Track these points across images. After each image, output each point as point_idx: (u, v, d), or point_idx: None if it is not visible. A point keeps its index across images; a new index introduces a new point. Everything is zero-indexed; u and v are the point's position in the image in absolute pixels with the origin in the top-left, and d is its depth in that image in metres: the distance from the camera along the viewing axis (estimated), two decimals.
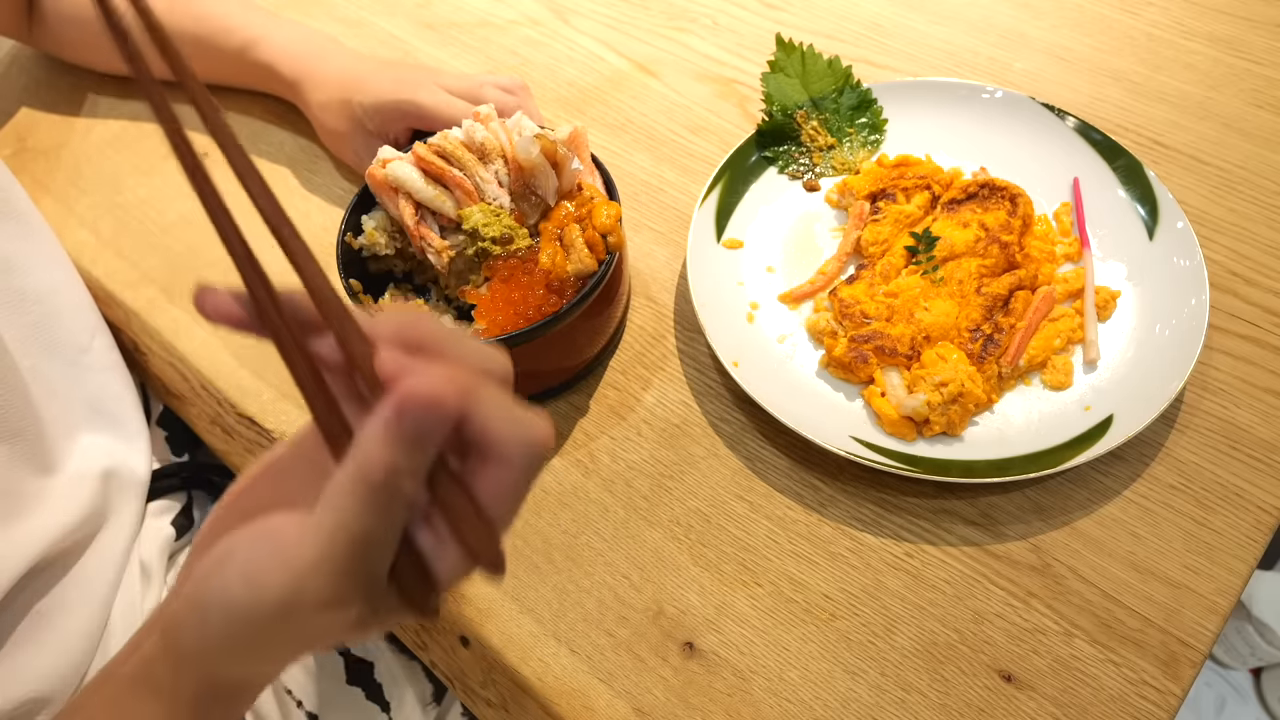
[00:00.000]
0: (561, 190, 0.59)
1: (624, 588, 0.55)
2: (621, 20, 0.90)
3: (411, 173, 0.58)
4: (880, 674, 0.51)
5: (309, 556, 0.30)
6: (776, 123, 0.73)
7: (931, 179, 0.68)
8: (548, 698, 0.52)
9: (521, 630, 0.54)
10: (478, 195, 0.58)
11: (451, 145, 0.58)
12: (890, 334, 0.60)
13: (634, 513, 0.58)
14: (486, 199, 0.58)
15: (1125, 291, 0.63)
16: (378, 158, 0.60)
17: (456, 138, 0.59)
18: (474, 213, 0.57)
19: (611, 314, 0.62)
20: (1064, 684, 0.50)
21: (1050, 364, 0.61)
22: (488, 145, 0.59)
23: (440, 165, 0.58)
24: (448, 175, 0.58)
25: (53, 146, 0.83)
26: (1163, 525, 0.55)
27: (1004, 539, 0.55)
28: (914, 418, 0.58)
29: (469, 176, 0.58)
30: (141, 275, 0.73)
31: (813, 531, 0.56)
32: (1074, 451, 0.55)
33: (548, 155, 0.56)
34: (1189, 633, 0.51)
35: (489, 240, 0.57)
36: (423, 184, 0.58)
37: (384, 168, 0.59)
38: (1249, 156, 0.73)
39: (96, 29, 0.72)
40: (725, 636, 0.53)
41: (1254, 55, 0.80)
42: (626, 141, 0.79)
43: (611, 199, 0.60)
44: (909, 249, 0.65)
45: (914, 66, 0.82)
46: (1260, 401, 0.59)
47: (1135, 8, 0.85)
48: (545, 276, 0.56)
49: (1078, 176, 0.69)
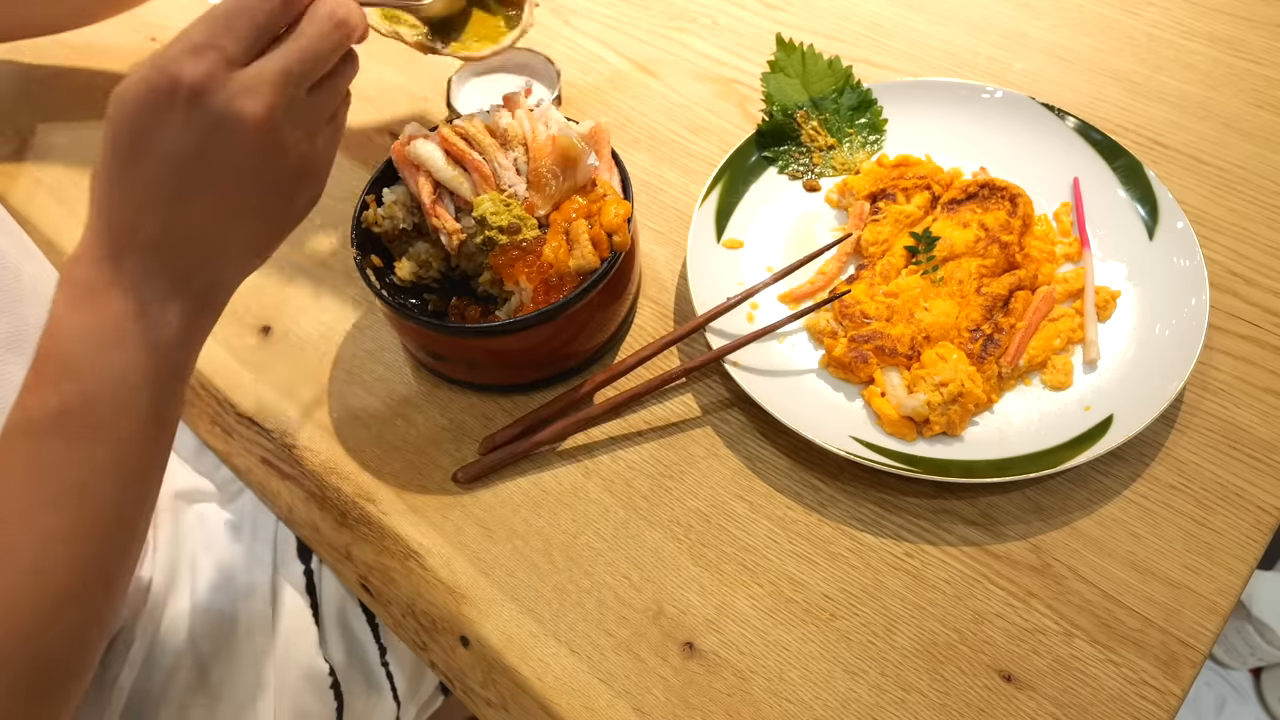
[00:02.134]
0: (576, 185, 0.59)
1: (624, 588, 0.55)
2: (621, 20, 0.90)
3: (434, 151, 0.58)
4: (880, 674, 0.51)
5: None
6: (776, 123, 0.73)
7: (931, 179, 0.68)
8: (548, 698, 0.52)
9: (521, 630, 0.54)
10: (494, 180, 0.58)
11: (475, 129, 0.59)
12: (890, 334, 0.60)
13: (634, 513, 0.58)
14: (502, 184, 0.58)
15: (1125, 291, 0.63)
16: (404, 134, 0.60)
17: (481, 122, 0.59)
18: (484, 201, 0.57)
19: (614, 311, 0.62)
20: (1064, 684, 0.50)
21: (1050, 364, 0.61)
22: (510, 132, 0.59)
23: (461, 147, 0.58)
24: (468, 158, 0.58)
25: (53, 146, 0.83)
26: (1163, 525, 0.55)
27: (1004, 539, 0.55)
28: (914, 418, 0.58)
29: (488, 161, 0.58)
30: None
31: (813, 531, 0.56)
32: (1074, 451, 0.55)
33: (564, 149, 0.57)
34: (1189, 633, 0.51)
35: (496, 229, 0.57)
36: (444, 164, 0.58)
37: (409, 144, 0.59)
38: (1249, 156, 0.73)
39: None
40: (725, 636, 0.53)
41: (1254, 55, 0.80)
42: (626, 141, 0.79)
43: (626, 198, 0.60)
44: (909, 249, 0.65)
45: (914, 66, 0.82)
46: (1260, 401, 0.59)
47: (1135, 8, 0.85)
48: (546, 269, 0.57)
49: (1078, 176, 0.69)
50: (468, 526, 0.58)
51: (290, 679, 0.63)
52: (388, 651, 0.68)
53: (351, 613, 0.67)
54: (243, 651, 0.62)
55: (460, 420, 0.63)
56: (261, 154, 0.42)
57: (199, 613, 0.62)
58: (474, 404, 0.63)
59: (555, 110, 0.61)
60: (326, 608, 0.66)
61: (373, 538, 0.59)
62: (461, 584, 0.56)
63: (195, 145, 0.41)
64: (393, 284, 0.61)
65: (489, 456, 0.60)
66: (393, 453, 0.61)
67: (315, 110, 0.45)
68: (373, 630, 0.68)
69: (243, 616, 0.63)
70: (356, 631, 0.67)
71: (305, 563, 0.67)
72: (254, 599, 0.64)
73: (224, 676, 0.61)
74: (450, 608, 0.55)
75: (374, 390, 0.65)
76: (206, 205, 0.43)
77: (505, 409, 0.63)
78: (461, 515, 0.58)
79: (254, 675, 0.62)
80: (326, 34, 0.43)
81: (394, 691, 0.68)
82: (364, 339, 0.67)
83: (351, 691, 0.66)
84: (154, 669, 0.60)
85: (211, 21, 0.41)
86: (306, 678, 0.64)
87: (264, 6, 0.41)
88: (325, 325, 0.68)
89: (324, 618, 0.66)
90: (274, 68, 0.41)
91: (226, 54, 0.40)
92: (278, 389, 0.65)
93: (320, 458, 0.62)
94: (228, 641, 0.62)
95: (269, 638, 0.63)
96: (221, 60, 0.40)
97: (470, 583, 0.56)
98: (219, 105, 0.40)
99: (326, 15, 0.43)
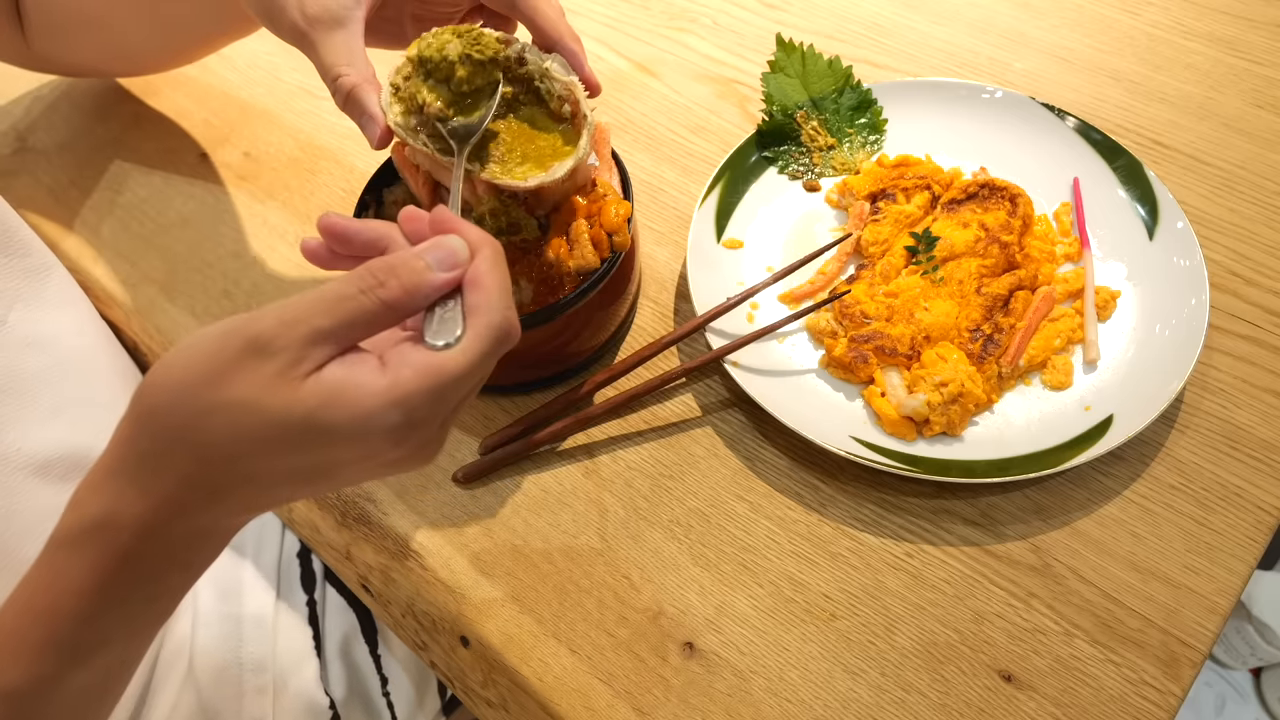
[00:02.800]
0: (575, 185, 0.59)
1: (624, 588, 0.55)
2: (621, 20, 0.90)
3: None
4: (880, 674, 0.51)
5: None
6: (776, 123, 0.73)
7: (931, 179, 0.68)
8: (548, 698, 0.52)
9: (521, 630, 0.54)
10: None
11: None
12: (890, 334, 0.60)
13: (634, 513, 0.58)
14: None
15: (1125, 291, 0.63)
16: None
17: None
18: (484, 200, 0.57)
19: (614, 311, 0.62)
20: (1064, 684, 0.50)
21: (1050, 364, 0.61)
22: None
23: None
24: None
25: (53, 146, 0.83)
26: (1163, 525, 0.55)
27: (1004, 539, 0.55)
28: (914, 418, 0.58)
29: None
30: (141, 275, 0.73)
31: (813, 531, 0.56)
32: (1074, 451, 0.55)
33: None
34: (1189, 633, 0.51)
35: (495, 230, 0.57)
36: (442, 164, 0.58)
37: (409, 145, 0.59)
38: (1249, 156, 0.73)
39: (97, 29, 0.71)
40: (725, 636, 0.53)
41: (1254, 55, 0.80)
42: (626, 141, 0.79)
43: (626, 198, 0.60)
44: (909, 249, 0.65)
45: (914, 66, 0.82)
46: (1260, 401, 0.59)
47: (1135, 8, 0.85)
48: (546, 269, 0.57)
49: (1078, 176, 0.69)
50: (468, 526, 0.58)
51: (289, 711, 0.63)
52: (389, 682, 0.67)
53: (355, 645, 0.67)
54: (243, 683, 0.61)
55: (460, 420, 0.63)
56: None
57: (199, 643, 0.62)
58: (474, 404, 0.63)
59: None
60: (329, 639, 0.66)
61: (373, 538, 0.59)
62: (461, 584, 0.56)
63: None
64: None
65: (489, 456, 0.60)
66: None
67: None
68: (375, 662, 0.67)
69: (243, 648, 0.62)
70: (359, 664, 0.67)
71: (309, 593, 0.66)
72: (255, 629, 0.63)
73: (223, 708, 0.61)
74: (450, 608, 0.55)
75: None
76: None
77: (505, 409, 0.63)
78: (461, 515, 0.58)
79: (254, 708, 0.61)
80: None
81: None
82: None
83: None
84: (153, 701, 0.59)
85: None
86: (306, 711, 0.63)
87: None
88: None
89: (325, 650, 0.65)
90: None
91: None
92: None
93: None
94: (227, 673, 0.61)
95: (269, 670, 0.62)
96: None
97: (470, 583, 0.56)
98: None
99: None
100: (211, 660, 0.61)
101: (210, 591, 0.64)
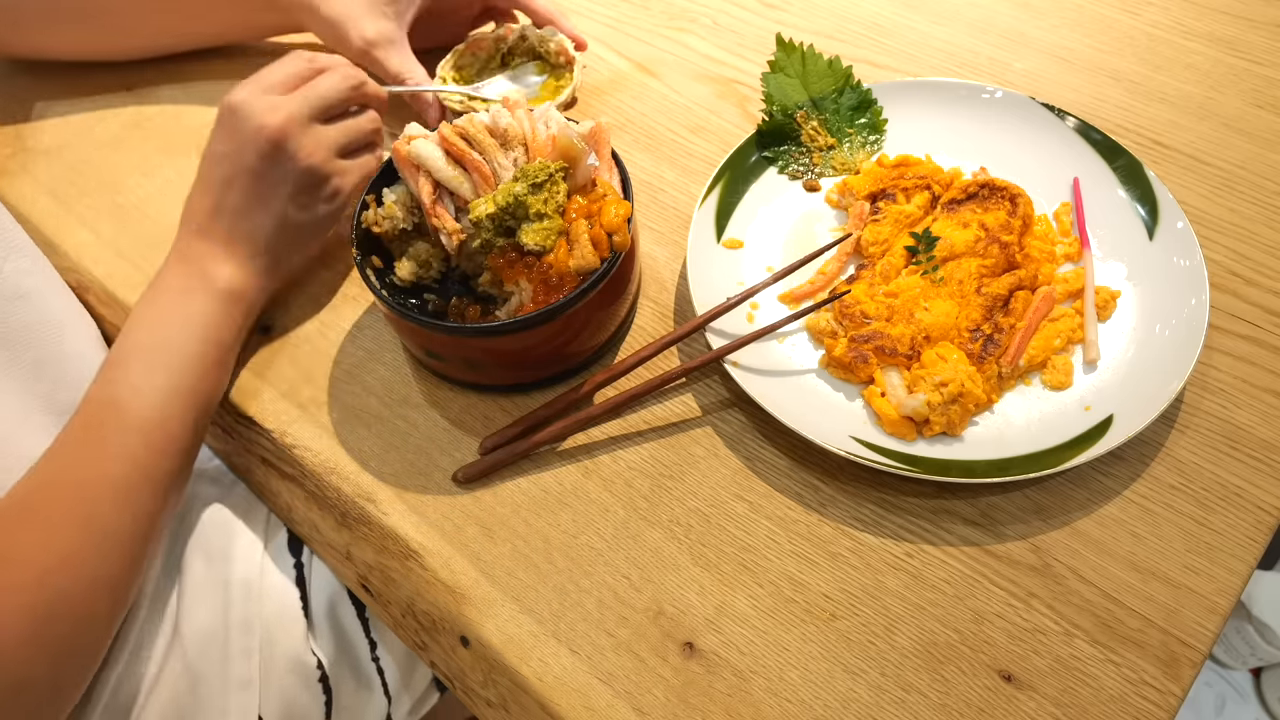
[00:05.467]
0: (575, 185, 0.59)
1: (624, 588, 0.55)
2: (621, 20, 0.90)
3: (434, 151, 0.58)
4: (880, 674, 0.51)
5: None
6: (776, 123, 0.73)
7: (931, 179, 0.68)
8: (548, 698, 0.52)
9: (521, 630, 0.54)
10: (494, 180, 0.58)
11: (475, 129, 0.59)
12: (890, 334, 0.60)
13: (634, 513, 0.58)
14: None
15: (1125, 291, 0.63)
16: (404, 133, 0.60)
17: (482, 122, 0.59)
18: (481, 204, 0.57)
19: (614, 311, 0.62)
20: (1064, 684, 0.50)
21: (1050, 364, 0.61)
22: (510, 132, 0.59)
23: (462, 147, 0.58)
24: (468, 158, 0.58)
25: (53, 146, 0.83)
26: (1163, 525, 0.55)
27: (1004, 539, 0.55)
28: (914, 418, 0.58)
29: (487, 161, 0.58)
30: (142, 275, 0.73)
31: (813, 531, 0.56)
32: (1074, 451, 0.55)
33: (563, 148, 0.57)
34: (1189, 633, 0.51)
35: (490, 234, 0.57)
36: (443, 164, 0.58)
37: (409, 144, 0.59)
38: (1249, 156, 0.73)
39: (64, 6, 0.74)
40: (725, 636, 0.53)
41: (1254, 55, 0.80)
42: (626, 141, 0.79)
43: (626, 198, 0.60)
44: (909, 249, 0.65)
45: (914, 66, 0.82)
46: (1260, 401, 0.59)
47: (1135, 8, 0.85)
48: (546, 269, 0.57)
49: (1078, 176, 0.69)
50: (468, 526, 0.58)
51: (278, 670, 0.63)
52: (378, 646, 0.68)
53: (342, 608, 0.68)
54: (230, 645, 0.62)
55: (460, 420, 0.63)
56: (272, 156, 0.60)
57: (186, 604, 0.62)
58: (474, 404, 0.63)
59: (555, 110, 0.61)
60: (316, 601, 0.67)
61: (373, 538, 0.59)
62: (461, 584, 0.56)
63: (231, 145, 0.60)
64: (393, 284, 0.61)
65: (489, 456, 0.60)
66: (393, 453, 0.61)
67: (328, 136, 0.62)
68: (363, 625, 0.68)
69: (230, 610, 0.63)
70: (346, 626, 0.67)
71: (296, 556, 0.67)
72: (242, 590, 0.64)
73: (208, 671, 0.61)
74: (450, 608, 0.55)
75: (374, 390, 0.65)
76: (238, 189, 0.61)
77: (505, 409, 0.63)
78: (461, 515, 0.58)
79: (241, 670, 0.62)
80: (336, 84, 0.63)
81: (385, 686, 0.68)
82: (364, 339, 0.67)
83: (341, 685, 0.66)
84: (141, 659, 0.60)
85: (266, 71, 0.62)
86: (294, 670, 0.64)
87: (297, 69, 0.63)
88: (325, 325, 0.68)
89: (313, 611, 0.66)
90: (292, 98, 0.61)
91: (262, 85, 0.61)
92: (277, 389, 0.65)
93: (320, 457, 0.62)
94: (214, 636, 0.62)
95: (255, 630, 0.63)
96: (258, 90, 0.61)
97: (470, 583, 0.56)
98: (248, 116, 0.60)
99: (340, 74, 0.63)
100: (198, 624, 0.62)
101: (199, 559, 0.64)
